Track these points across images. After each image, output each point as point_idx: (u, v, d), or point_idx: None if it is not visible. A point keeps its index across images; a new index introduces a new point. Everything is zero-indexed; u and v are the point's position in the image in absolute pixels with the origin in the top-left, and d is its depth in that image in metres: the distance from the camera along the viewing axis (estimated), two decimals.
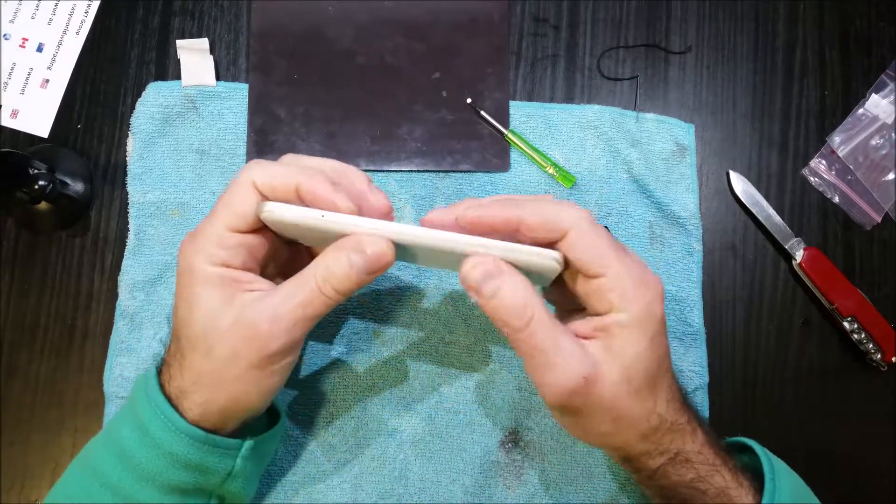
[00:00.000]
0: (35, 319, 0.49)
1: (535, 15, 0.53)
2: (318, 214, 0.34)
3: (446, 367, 0.48)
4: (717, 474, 0.37)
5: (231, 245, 0.35)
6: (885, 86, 0.53)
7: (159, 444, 0.35)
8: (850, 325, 0.50)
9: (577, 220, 0.33)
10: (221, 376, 0.35)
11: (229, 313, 0.34)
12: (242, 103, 0.51)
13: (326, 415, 0.47)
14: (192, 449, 0.35)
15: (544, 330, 0.33)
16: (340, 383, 0.48)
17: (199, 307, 0.34)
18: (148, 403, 0.36)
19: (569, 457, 0.47)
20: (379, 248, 0.34)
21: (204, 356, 0.34)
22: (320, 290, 0.34)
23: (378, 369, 0.48)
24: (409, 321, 0.49)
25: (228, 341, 0.34)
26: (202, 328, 0.34)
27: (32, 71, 0.52)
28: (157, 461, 0.35)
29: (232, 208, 0.34)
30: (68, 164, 0.50)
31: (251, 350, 0.34)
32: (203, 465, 0.36)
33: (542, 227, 0.34)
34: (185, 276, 0.35)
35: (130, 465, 0.35)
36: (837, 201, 0.52)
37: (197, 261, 0.34)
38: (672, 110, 0.53)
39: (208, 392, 0.35)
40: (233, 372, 0.34)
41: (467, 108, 0.51)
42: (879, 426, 0.50)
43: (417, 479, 0.47)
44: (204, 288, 0.34)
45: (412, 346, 0.48)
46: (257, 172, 0.34)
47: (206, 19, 0.53)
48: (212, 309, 0.34)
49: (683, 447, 0.36)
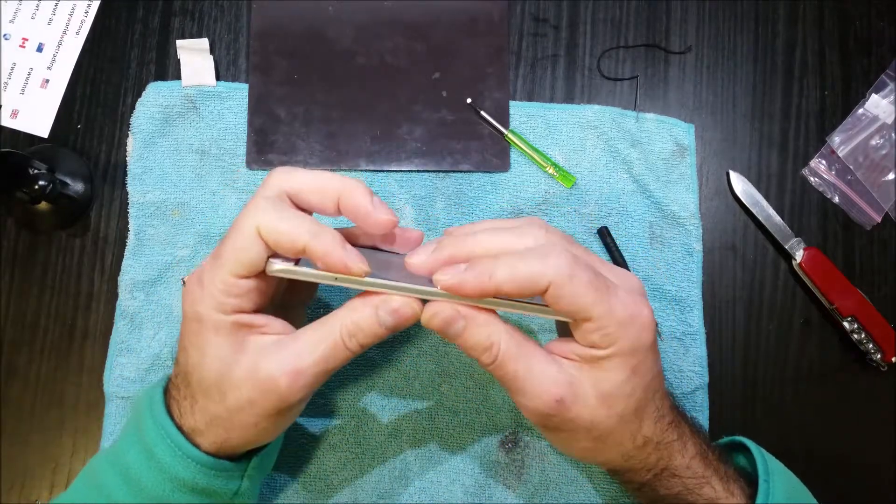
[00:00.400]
0: (35, 319, 0.49)
1: (535, 15, 0.53)
2: (329, 277, 0.33)
3: (446, 367, 0.48)
4: (707, 485, 0.37)
5: (241, 293, 0.33)
6: (885, 86, 0.53)
7: (165, 468, 0.34)
8: (850, 325, 0.50)
9: (554, 276, 0.32)
10: (237, 421, 0.34)
11: (244, 361, 0.33)
12: (242, 103, 0.51)
13: (326, 415, 0.47)
14: (199, 474, 0.35)
15: (512, 361, 0.33)
16: (340, 383, 0.48)
17: (211, 355, 0.33)
18: (154, 427, 0.35)
19: (568, 457, 0.47)
20: (410, 311, 0.33)
21: (218, 402, 0.34)
22: (345, 346, 0.33)
23: (378, 369, 0.48)
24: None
25: (244, 391, 0.33)
26: (216, 376, 0.33)
27: (32, 71, 0.52)
28: (164, 485, 0.35)
29: (238, 255, 0.33)
30: (68, 164, 0.50)
31: (268, 402, 0.33)
32: (210, 488, 0.36)
33: (518, 292, 0.32)
34: (193, 324, 0.34)
35: (136, 487, 0.35)
36: (837, 201, 0.52)
37: (205, 309, 0.33)
38: (672, 110, 0.53)
39: (224, 433, 0.35)
40: (249, 419, 0.34)
41: (467, 108, 0.51)
42: (879, 426, 0.50)
43: (417, 479, 0.47)
44: (216, 335, 0.33)
45: (412, 346, 0.48)
46: (263, 220, 0.32)
47: (206, 19, 0.53)
48: (224, 357, 0.33)
49: (671, 463, 0.36)
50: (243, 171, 0.50)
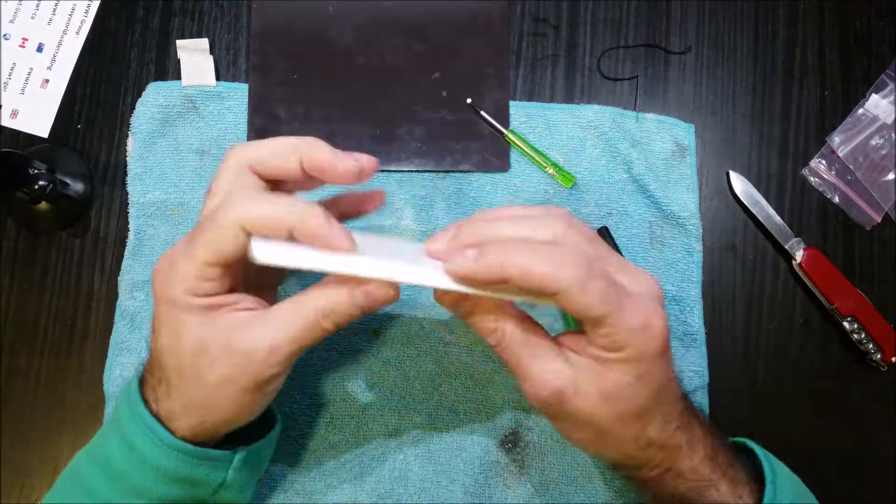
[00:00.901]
0: (35, 320, 0.49)
1: (535, 15, 0.53)
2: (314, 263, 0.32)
3: (446, 366, 0.48)
4: (712, 488, 0.36)
5: (213, 277, 0.33)
6: (885, 86, 0.53)
7: (147, 459, 0.34)
8: (850, 325, 0.50)
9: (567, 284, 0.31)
10: (212, 400, 0.34)
11: (218, 338, 0.33)
12: (242, 103, 0.51)
13: (326, 415, 0.47)
14: (181, 463, 0.35)
15: (516, 346, 0.35)
16: (340, 383, 0.48)
17: (185, 336, 0.33)
18: (132, 418, 0.35)
19: (569, 457, 0.47)
20: (384, 293, 0.34)
21: (193, 382, 0.34)
22: (319, 324, 0.34)
23: (378, 369, 0.48)
24: (409, 321, 0.49)
25: (220, 368, 0.33)
26: (191, 355, 0.33)
27: (32, 71, 0.52)
28: (146, 476, 0.35)
29: (214, 246, 0.32)
30: (68, 164, 0.50)
31: (245, 377, 0.33)
32: (193, 478, 0.35)
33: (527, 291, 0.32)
34: (165, 307, 0.34)
35: (119, 480, 0.35)
36: (837, 201, 0.52)
37: (176, 293, 0.33)
38: (672, 110, 0.53)
39: (199, 414, 0.34)
40: (224, 396, 0.34)
41: (467, 108, 0.51)
42: (879, 426, 0.50)
43: (417, 479, 0.47)
44: (188, 315, 0.33)
45: (412, 347, 0.48)
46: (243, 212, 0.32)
47: (205, 19, 0.53)
48: (198, 337, 0.33)
49: (676, 464, 0.36)
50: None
